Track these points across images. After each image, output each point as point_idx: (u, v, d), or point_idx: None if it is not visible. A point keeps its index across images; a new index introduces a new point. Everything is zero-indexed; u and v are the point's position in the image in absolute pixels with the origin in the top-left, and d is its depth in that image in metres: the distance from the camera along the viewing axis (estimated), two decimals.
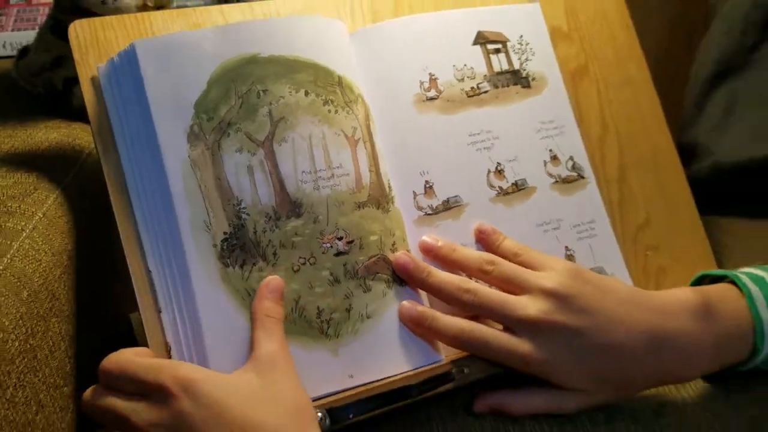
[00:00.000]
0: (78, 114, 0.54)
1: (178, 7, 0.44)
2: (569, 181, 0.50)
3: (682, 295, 0.45)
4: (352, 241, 0.40)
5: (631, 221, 0.54)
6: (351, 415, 0.38)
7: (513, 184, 0.47)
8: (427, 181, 0.45)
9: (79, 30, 0.41)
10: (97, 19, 0.41)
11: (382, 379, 0.40)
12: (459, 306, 0.42)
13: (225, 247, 0.37)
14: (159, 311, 0.38)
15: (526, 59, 0.51)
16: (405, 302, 0.42)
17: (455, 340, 0.42)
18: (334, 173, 0.40)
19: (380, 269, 0.41)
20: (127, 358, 0.37)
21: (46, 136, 0.50)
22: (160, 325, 0.38)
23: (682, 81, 0.76)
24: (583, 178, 0.51)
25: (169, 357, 0.39)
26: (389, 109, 0.45)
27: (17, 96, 0.58)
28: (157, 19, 0.42)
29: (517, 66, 0.50)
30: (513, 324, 0.41)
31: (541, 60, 0.52)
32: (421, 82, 0.47)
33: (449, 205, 0.45)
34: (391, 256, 0.42)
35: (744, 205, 0.68)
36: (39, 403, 0.38)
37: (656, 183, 0.58)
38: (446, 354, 0.43)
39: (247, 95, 0.40)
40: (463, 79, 0.47)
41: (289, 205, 0.39)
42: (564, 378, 0.42)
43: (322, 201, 0.40)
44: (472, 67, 0.48)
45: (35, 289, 0.39)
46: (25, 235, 0.41)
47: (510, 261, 0.44)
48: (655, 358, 0.43)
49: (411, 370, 0.41)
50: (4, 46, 0.78)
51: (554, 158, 0.50)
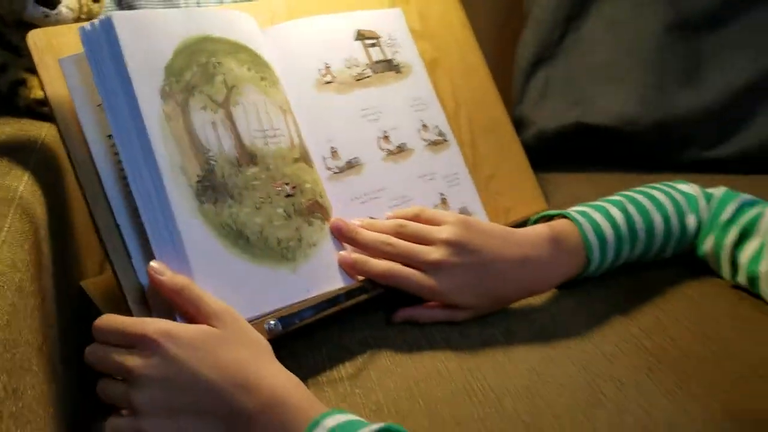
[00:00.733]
0: (24, 112, 0.59)
1: None
2: (437, 144, 0.65)
3: (537, 230, 0.60)
4: (295, 187, 0.52)
5: (482, 174, 0.70)
6: (297, 320, 0.50)
7: (397, 146, 0.62)
8: (332, 147, 0.58)
9: (36, 38, 0.48)
10: (50, 29, 0.49)
11: (328, 292, 0.52)
12: (381, 256, 0.55)
13: (200, 188, 0.46)
14: (129, 257, 0.46)
15: (395, 51, 0.65)
16: (341, 252, 0.55)
17: (382, 276, 0.55)
18: (275, 133, 0.51)
19: (316, 210, 0.53)
20: (115, 317, 0.44)
21: (2, 130, 0.55)
22: (133, 271, 0.46)
23: (510, 69, 0.95)
24: (446, 141, 0.67)
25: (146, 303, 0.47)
26: (296, 91, 0.57)
27: None
28: None
29: (389, 56, 0.64)
30: (422, 266, 0.55)
31: (406, 52, 0.66)
32: (319, 70, 0.59)
33: (352, 165, 0.58)
34: (330, 222, 0.54)
35: (560, 163, 0.88)
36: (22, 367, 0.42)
37: (497, 145, 0.74)
38: None
39: (205, 65, 0.50)
40: (350, 67, 0.61)
41: (247, 156, 0.49)
42: (458, 300, 0.56)
43: (271, 154, 0.50)
44: (356, 58, 0.62)
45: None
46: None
47: (415, 221, 0.58)
48: (522, 278, 0.58)
49: (345, 286, 0.53)
50: None
51: (425, 126, 0.65)
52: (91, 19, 0.56)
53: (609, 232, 0.60)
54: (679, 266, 0.64)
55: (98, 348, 0.44)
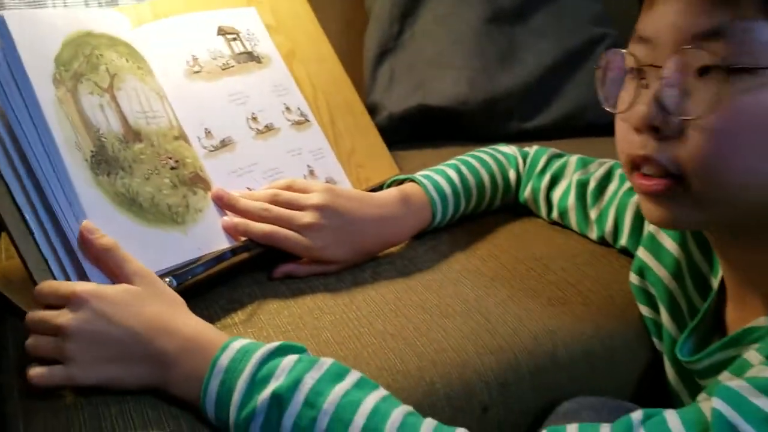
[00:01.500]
0: None
1: None
2: (300, 123, 0.75)
3: (390, 192, 0.71)
4: (178, 161, 0.58)
5: (344, 149, 0.80)
6: (190, 276, 0.57)
7: (265, 126, 0.70)
8: (206, 128, 0.65)
9: None
10: None
11: (216, 252, 0.59)
12: (260, 220, 0.63)
13: (93, 162, 0.51)
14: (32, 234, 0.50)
15: (254, 44, 0.74)
16: (224, 218, 0.62)
17: (262, 237, 0.62)
18: (155, 114, 0.57)
19: (198, 181, 0.60)
20: (50, 282, 0.49)
21: None
22: (36, 246, 0.50)
23: (360, 61, 1.07)
24: (308, 121, 0.76)
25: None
26: (169, 80, 0.64)
27: None
28: None
29: (249, 49, 0.73)
30: (297, 229, 0.63)
31: (264, 45, 0.75)
32: (187, 61, 0.66)
33: (225, 143, 0.66)
34: (212, 192, 0.61)
35: (410, 140, 1.01)
36: None
37: (355, 124, 0.85)
38: None
39: (90, 56, 0.55)
40: (215, 58, 0.68)
41: (133, 134, 0.55)
42: (330, 255, 0.65)
43: (153, 132, 0.57)
44: (220, 50, 0.69)
45: None
46: None
47: (288, 191, 0.65)
48: (380, 233, 0.68)
49: (230, 246, 0.61)
50: None
51: (288, 108, 0.74)
52: None
53: (448, 190, 0.72)
54: (506, 212, 0.79)
55: (34, 315, 0.49)
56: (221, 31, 0.71)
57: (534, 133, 1.02)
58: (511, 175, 0.77)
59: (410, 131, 1.02)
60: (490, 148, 0.79)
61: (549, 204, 0.75)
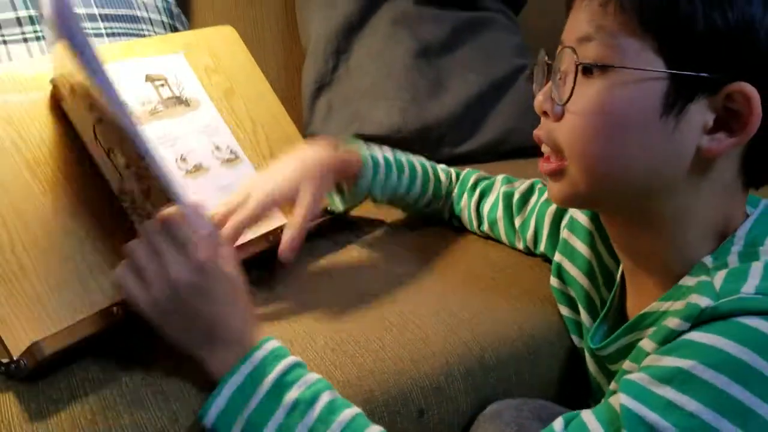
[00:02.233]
0: None
1: None
2: (231, 161, 0.79)
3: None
4: None
5: None
6: None
7: (194, 166, 0.74)
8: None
9: None
10: None
11: None
12: None
13: None
14: None
15: (182, 89, 0.78)
16: None
17: None
18: None
19: None
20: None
21: None
22: None
23: (299, 95, 1.12)
24: (238, 158, 0.80)
25: None
26: None
27: None
28: None
29: (177, 93, 0.77)
30: None
31: (192, 89, 0.79)
32: None
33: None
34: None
35: None
36: None
37: None
38: None
39: None
40: (143, 104, 0.72)
41: None
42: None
43: None
44: (148, 96, 0.73)
45: None
46: None
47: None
48: None
49: None
50: None
51: (217, 148, 0.78)
52: None
53: (381, 158, 0.77)
54: (440, 228, 0.85)
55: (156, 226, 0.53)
56: (149, 78, 0.75)
57: (465, 157, 1.09)
58: (442, 176, 0.83)
59: None
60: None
61: (479, 217, 0.82)
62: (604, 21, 0.49)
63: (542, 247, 0.74)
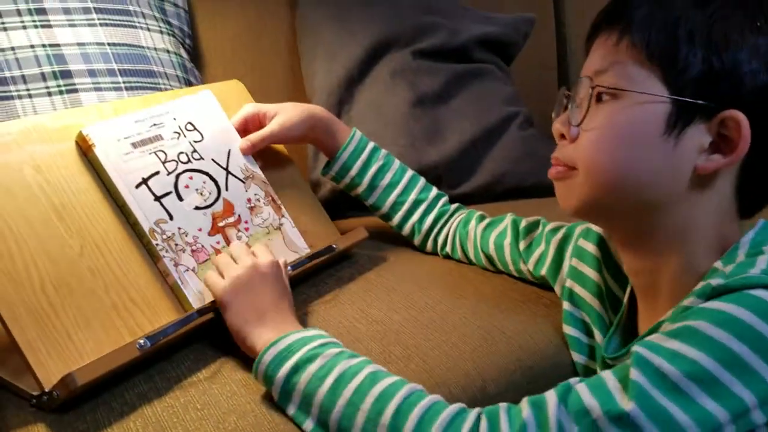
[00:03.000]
0: None
1: None
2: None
3: None
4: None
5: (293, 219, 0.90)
6: (162, 337, 0.63)
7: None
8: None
9: None
10: None
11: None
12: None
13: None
14: None
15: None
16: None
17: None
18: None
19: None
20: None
21: None
22: None
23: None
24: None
25: None
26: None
27: None
28: None
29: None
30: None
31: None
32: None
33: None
34: None
35: (352, 209, 1.12)
36: None
37: (299, 198, 0.95)
38: None
39: None
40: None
41: None
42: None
43: None
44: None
45: None
46: None
47: None
48: None
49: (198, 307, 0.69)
50: None
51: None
52: None
53: (371, 144, 0.89)
54: (437, 262, 0.90)
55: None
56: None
57: (462, 197, 1.14)
58: (432, 192, 0.91)
59: (350, 202, 1.13)
60: None
61: (484, 239, 0.86)
62: (617, 56, 0.57)
63: (544, 270, 0.78)
